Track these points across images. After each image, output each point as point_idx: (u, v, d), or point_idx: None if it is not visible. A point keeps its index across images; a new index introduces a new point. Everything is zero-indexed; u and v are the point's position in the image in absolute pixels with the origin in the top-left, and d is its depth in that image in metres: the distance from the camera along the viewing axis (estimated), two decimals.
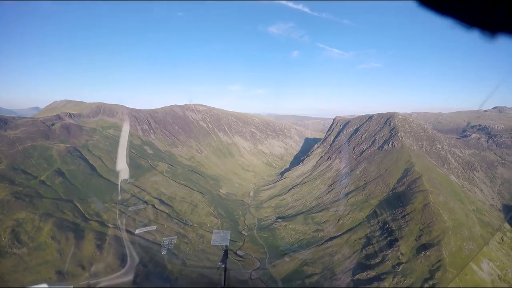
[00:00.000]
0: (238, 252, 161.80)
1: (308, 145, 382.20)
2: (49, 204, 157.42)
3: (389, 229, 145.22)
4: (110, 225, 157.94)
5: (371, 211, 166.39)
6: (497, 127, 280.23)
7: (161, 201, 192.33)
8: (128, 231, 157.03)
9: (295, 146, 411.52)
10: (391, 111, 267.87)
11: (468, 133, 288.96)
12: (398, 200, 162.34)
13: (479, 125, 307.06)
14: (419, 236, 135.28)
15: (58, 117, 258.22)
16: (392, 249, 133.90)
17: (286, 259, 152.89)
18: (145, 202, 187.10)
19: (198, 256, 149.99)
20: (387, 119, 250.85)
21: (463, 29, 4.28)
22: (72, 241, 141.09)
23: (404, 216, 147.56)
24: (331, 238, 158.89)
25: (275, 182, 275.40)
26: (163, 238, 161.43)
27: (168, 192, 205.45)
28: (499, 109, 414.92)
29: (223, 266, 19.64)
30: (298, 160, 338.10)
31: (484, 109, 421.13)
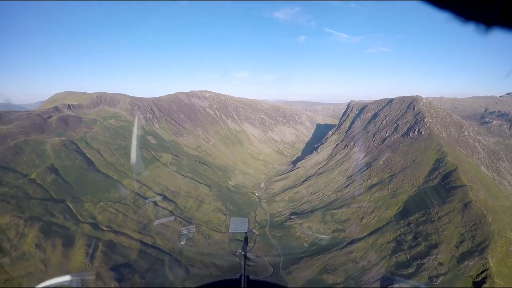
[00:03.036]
0: (248, 254, 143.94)
1: (320, 132, 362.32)
2: (37, 206, 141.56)
3: (424, 233, 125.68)
4: (105, 227, 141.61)
5: (400, 209, 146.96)
6: None
7: (164, 197, 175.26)
8: (124, 234, 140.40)
9: (307, 133, 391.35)
10: (401, 95, 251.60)
11: (487, 119, 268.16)
12: (432, 197, 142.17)
13: (499, 111, 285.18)
14: (461, 242, 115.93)
15: (56, 109, 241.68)
16: (428, 257, 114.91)
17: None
18: (146, 198, 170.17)
19: (204, 262, 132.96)
20: (410, 103, 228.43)
21: (459, 23, 4.35)
22: (60, 249, 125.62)
23: (441, 217, 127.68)
24: (354, 241, 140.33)
25: (287, 172, 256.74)
26: (181, 228, 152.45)
27: (172, 187, 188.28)
28: None
29: (243, 253, 14.18)
30: (310, 147, 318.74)
31: (499, 95, 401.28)
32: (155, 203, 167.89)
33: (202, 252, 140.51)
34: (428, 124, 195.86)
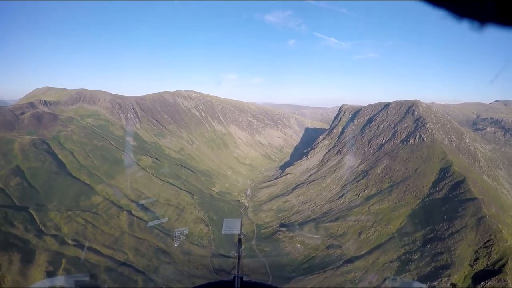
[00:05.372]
0: (232, 272, 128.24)
1: (309, 136, 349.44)
2: None
3: (433, 252, 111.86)
4: (70, 241, 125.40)
5: (403, 224, 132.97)
6: (511, 120, 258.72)
7: (140, 205, 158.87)
8: (92, 249, 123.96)
9: (295, 137, 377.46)
10: (390, 101, 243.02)
11: (480, 126, 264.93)
12: (439, 210, 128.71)
13: (491, 118, 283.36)
14: (475, 261, 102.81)
15: (31, 105, 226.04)
16: (440, 279, 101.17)
17: None
18: (120, 207, 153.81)
19: (182, 282, 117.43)
20: (409, 108, 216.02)
21: (454, 20, 4.39)
22: (17, 265, 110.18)
23: (452, 234, 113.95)
24: (352, 259, 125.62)
25: (275, 179, 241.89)
26: (174, 230, 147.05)
27: (150, 193, 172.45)
28: (504, 103, 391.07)
29: (236, 254, 13.89)
30: (299, 152, 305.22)
31: (489, 102, 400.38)
32: (129, 212, 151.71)
33: (181, 270, 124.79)
34: (430, 130, 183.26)
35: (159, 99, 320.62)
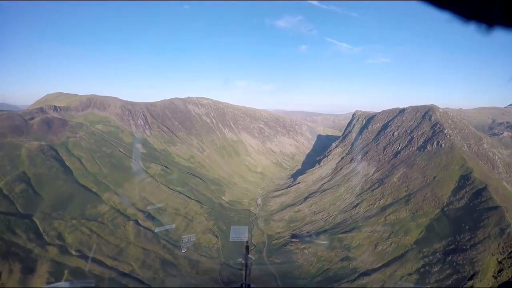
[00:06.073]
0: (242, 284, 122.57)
1: (321, 143, 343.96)
2: None
3: (455, 263, 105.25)
4: (73, 251, 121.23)
5: (422, 235, 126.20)
6: None
7: (147, 215, 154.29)
8: (96, 260, 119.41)
9: (307, 144, 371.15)
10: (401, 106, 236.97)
11: (496, 130, 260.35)
12: (460, 220, 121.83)
13: (507, 122, 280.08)
14: (499, 272, 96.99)
15: (41, 110, 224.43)
16: None
17: None
18: (126, 216, 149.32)
19: None
20: (425, 113, 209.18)
21: (461, 23, 4.47)
22: (17, 275, 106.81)
23: (474, 244, 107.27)
24: (368, 272, 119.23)
25: (287, 187, 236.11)
26: (182, 236, 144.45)
27: (158, 202, 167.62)
28: None
29: (243, 262, 18.32)
30: (311, 160, 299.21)
31: (504, 106, 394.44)
32: (136, 222, 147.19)
33: (188, 283, 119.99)
34: (448, 136, 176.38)
35: (169, 105, 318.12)
